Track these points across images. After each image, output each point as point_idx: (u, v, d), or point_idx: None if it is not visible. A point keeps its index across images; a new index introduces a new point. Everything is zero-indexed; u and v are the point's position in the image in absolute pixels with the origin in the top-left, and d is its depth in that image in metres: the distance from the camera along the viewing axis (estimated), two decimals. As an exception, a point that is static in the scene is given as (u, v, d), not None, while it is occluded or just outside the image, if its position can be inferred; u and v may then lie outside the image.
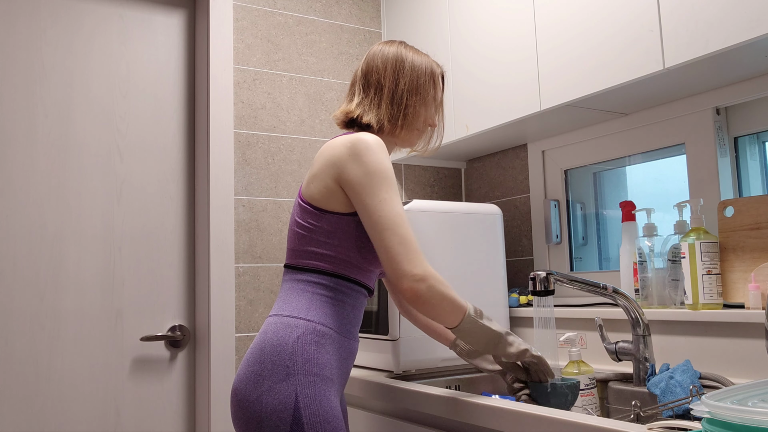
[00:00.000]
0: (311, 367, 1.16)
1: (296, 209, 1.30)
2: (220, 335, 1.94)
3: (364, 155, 1.21)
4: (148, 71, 2.03)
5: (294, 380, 1.14)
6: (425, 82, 1.37)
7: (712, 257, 1.45)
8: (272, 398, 1.13)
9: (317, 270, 1.24)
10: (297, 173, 2.16)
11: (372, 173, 1.20)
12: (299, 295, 1.23)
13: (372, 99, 1.35)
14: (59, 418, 1.80)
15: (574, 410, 1.36)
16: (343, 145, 1.24)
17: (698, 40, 1.31)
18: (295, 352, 1.16)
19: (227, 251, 1.98)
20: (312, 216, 1.24)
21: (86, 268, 1.88)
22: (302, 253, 1.25)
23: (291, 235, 1.29)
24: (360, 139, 1.23)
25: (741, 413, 0.68)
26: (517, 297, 1.95)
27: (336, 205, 1.23)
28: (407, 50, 1.39)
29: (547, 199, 2.05)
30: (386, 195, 1.19)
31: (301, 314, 1.20)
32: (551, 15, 1.67)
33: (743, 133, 1.59)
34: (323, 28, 2.28)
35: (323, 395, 1.16)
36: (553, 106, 1.66)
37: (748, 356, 1.37)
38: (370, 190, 1.19)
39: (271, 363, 1.15)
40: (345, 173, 1.21)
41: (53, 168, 1.87)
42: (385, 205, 1.18)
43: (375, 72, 1.36)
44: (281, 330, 1.19)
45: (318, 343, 1.18)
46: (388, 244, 1.16)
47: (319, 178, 1.25)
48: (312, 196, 1.25)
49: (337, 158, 1.23)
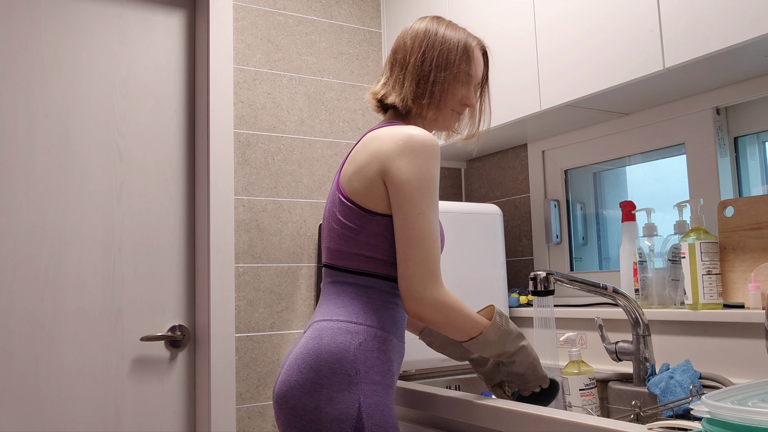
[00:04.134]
0: (374, 375, 1.11)
1: (337, 206, 1.20)
2: (220, 335, 1.94)
3: (416, 156, 1.13)
4: (148, 71, 2.03)
5: (357, 389, 1.08)
6: (457, 56, 1.25)
7: (712, 257, 1.45)
8: (333, 408, 1.07)
9: (368, 273, 1.17)
10: (297, 173, 2.16)
11: (419, 180, 1.12)
12: (353, 299, 1.16)
13: (397, 77, 1.26)
14: (59, 418, 1.80)
15: (574, 410, 1.37)
16: (393, 139, 1.15)
17: (698, 40, 1.31)
18: (357, 360, 1.10)
19: (227, 251, 1.98)
20: (358, 217, 1.16)
21: (86, 268, 1.88)
22: (350, 256, 1.18)
23: (333, 234, 1.21)
24: (414, 137, 1.14)
25: (741, 413, 0.68)
26: (517, 297, 1.95)
27: (384, 207, 1.15)
28: (440, 24, 1.29)
29: (547, 199, 2.05)
30: (426, 207, 1.12)
31: (360, 319, 1.14)
32: (551, 15, 1.67)
33: (743, 133, 1.59)
34: (323, 28, 2.28)
35: (385, 404, 1.11)
36: (553, 106, 1.66)
37: (748, 356, 1.37)
38: (411, 198, 1.11)
39: (331, 371, 1.09)
40: (390, 170, 1.13)
41: (53, 168, 1.87)
42: (422, 219, 1.11)
43: (402, 49, 1.27)
44: (340, 336, 1.11)
45: (380, 350, 1.13)
46: (408, 260, 1.11)
47: (365, 177, 1.16)
48: (358, 195, 1.17)
49: (383, 152, 1.14)
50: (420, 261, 1.10)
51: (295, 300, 2.10)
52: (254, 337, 2.01)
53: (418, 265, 1.10)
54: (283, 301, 2.08)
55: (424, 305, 1.11)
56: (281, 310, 2.07)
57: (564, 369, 1.44)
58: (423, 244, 1.11)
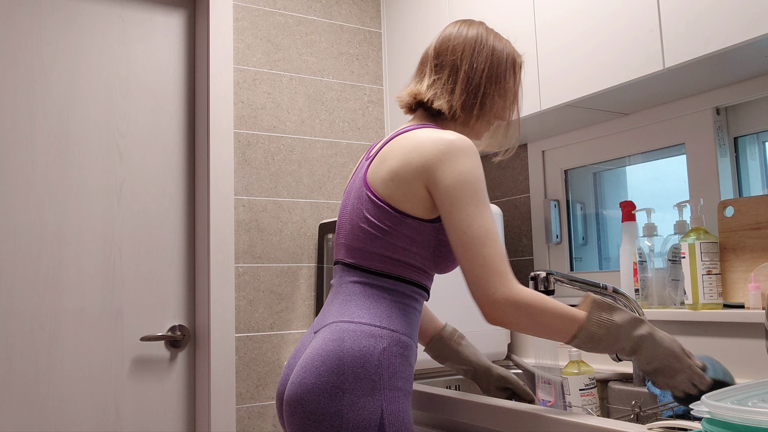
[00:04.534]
0: (396, 381, 1.08)
1: (365, 204, 1.16)
2: (220, 335, 1.94)
3: (459, 161, 1.10)
4: (148, 71, 2.03)
5: (380, 395, 1.05)
6: (505, 69, 1.24)
7: (712, 257, 1.45)
8: (355, 414, 1.04)
9: (392, 276, 1.14)
10: (297, 173, 2.16)
11: (464, 183, 1.09)
12: (376, 301, 1.13)
13: (445, 82, 1.22)
14: (59, 418, 1.80)
15: (575, 410, 1.37)
16: (434, 145, 1.12)
17: (698, 40, 1.31)
18: (381, 365, 1.07)
19: (227, 251, 1.98)
20: (390, 218, 1.13)
21: (86, 268, 1.88)
22: (375, 256, 1.15)
23: (358, 232, 1.16)
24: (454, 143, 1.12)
25: (741, 413, 0.68)
26: (517, 297, 1.95)
27: (420, 211, 1.13)
28: (488, 33, 1.26)
29: (547, 199, 2.05)
30: (475, 208, 1.08)
31: (384, 323, 1.11)
32: (551, 15, 1.67)
33: (743, 133, 1.59)
34: (323, 28, 2.28)
35: (405, 411, 1.09)
36: (553, 106, 1.66)
37: (748, 356, 1.37)
38: (459, 202, 1.08)
39: (354, 375, 1.05)
40: (435, 178, 1.10)
41: (53, 168, 1.87)
42: (473, 221, 1.07)
43: (451, 52, 1.23)
44: (363, 340, 1.08)
45: (402, 355, 1.10)
46: (469, 264, 1.06)
47: (402, 179, 1.12)
48: (392, 196, 1.13)
49: (425, 158, 1.11)
50: (481, 262, 1.05)
51: (295, 300, 2.10)
52: (254, 337, 2.01)
53: (481, 266, 1.05)
54: (283, 301, 2.08)
55: (500, 307, 1.04)
56: (281, 310, 2.07)
57: (564, 369, 1.44)
58: (481, 245, 1.06)
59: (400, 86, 2.29)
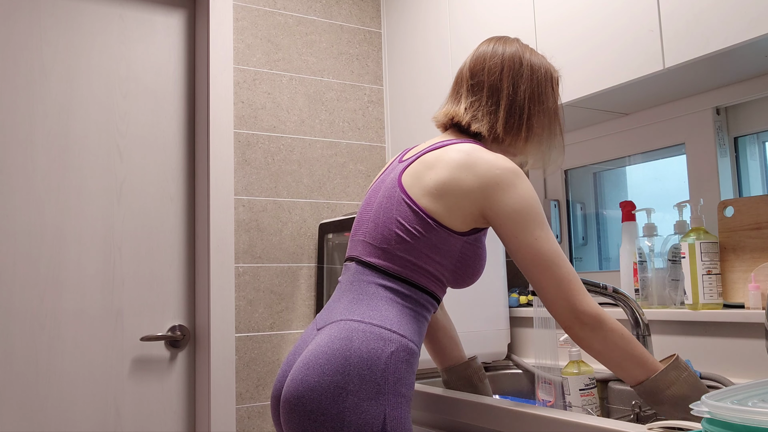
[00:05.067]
0: (400, 387, 1.06)
1: (398, 206, 1.14)
2: (220, 335, 1.94)
3: (518, 186, 1.10)
4: (148, 71, 2.03)
5: (384, 400, 1.03)
6: (545, 87, 1.23)
7: (712, 257, 1.45)
8: (357, 417, 1.01)
9: (410, 282, 1.13)
10: (297, 173, 2.16)
11: (528, 208, 1.09)
12: (389, 304, 1.11)
13: (485, 104, 1.20)
14: (59, 418, 1.80)
15: (574, 410, 1.37)
16: (490, 169, 1.11)
17: (698, 40, 1.31)
18: (387, 369, 1.05)
19: (227, 251, 1.98)
20: (423, 225, 1.12)
21: (86, 268, 1.88)
22: (399, 260, 1.13)
23: (385, 232, 1.14)
24: (510, 169, 1.11)
25: (741, 413, 0.68)
26: (517, 297, 1.95)
27: (458, 224, 1.12)
28: (524, 50, 1.24)
29: (547, 199, 2.05)
30: (542, 232, 1.09)
31: (394, 327, 1.09)
32: (551, 15, 1.67)
33: (743, 133, 1.59)
34: (323, 28, 2.28)
35: (406, 417, 1.07)
36: (553, 106, 1.66)
37: (748, 356, 1.37)
38: (526, 226, 1.09)
39: (359, 377, 1.03)
40: (496, 203, 1.10)
41: (53, 168, 1.87)
42: (543, 243, 1.08)
43: (489, 72, 1.21)
44: (372, 341, 1.06)
45: (408, 361, 1.09)
46: (549, 283, 1.06)
47: (450, 194, 1.11)
48: (433, 208, 1.11)
49: (483, 183, 1.10)
50: (560, 280, 1.06)
51: (295, 300, 2.10)
52: (254, 337, 2.01)
53: (557, 287, 1.06)
54: (283, 301, 2.08)
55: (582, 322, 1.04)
56: (281, 310, 2.07)
57: (564, 369, 1.44)
58: (553, 266, 1.07)
59: (400, 86, 2.29)
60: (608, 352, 1.06)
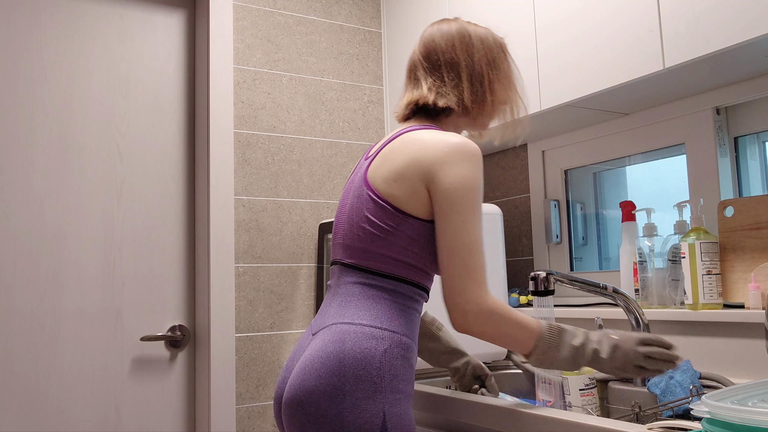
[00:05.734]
0: (397, 383, 1.08)
1: (366, 203, 1.15)
2: (220, 335, 1.94)
3: (462, 164, 1.11)
4: (148, 71, 2.03)
5: (381, 398, 1.05)
6: (498, 53, 1.25)
7: (712, 257, 1.45)
8: (357, 416, 1.03)
9: (393, 276, 1.14)
10: (297, 173, 2.16)
11: (465, 188, 1.10)
12: (376, 302, 1.12)
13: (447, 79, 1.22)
14: (59, 418, 1.80)
15: (575, 410, 1.37)
16: (439, 146, 1.12)
17: (698, 40, 1.31)
18: (382, 367, 1.06)
19: (227, 251, 1.98)
20: (392, 218, 1.13)
21: (86, 268, 1.88)
22: (378, 257, 1.14)
23: (360, 232, 1.15)
24: (460, 146, 1.12)
25: (741, 413, 0.68)
26: (517, 297, 1.95)
27: (421, 211, 1.12)
28: (468, 24, 1.27)
29: (547, 199, 2.05)
30: (471, 216, 1.09)
31: (385, 325, 1.10)
32: (551, 15, 1.67)
33: (743, 133, 1.59)
34: (323, 28, 2.28)
35: (406, 413, 1.08)
36: (553, 106, 1.66)
37: (748, 356, 1.37)
38: (458, 206, 1.09)
39: (355, 378, 1.05)
40: (437, 178, 1.10)
41: (53, 168, 1.87)
42: (466, 227, 1.08)
43: (442, 51, 1.23)
44: (365, 341, 1.08)
45: (403, 357, 1.10)
46: (452, 270, 1.08)
47: (406, 179, 1.12)
48: (395, 196, 1.13)
49: (429, 159, 1.12)
50: (464, 271, 1.07)
51: (295, 300, 2.10)
52: (254, 337, 2.01)
53: (462, 275, 1.07)
54: (283, 301, 2.08)
55: (471, 317, 1.06)
56: (281, 310, 2.07)
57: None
58: (468, 253, 1.08)
59: (400, 86, 2.29)
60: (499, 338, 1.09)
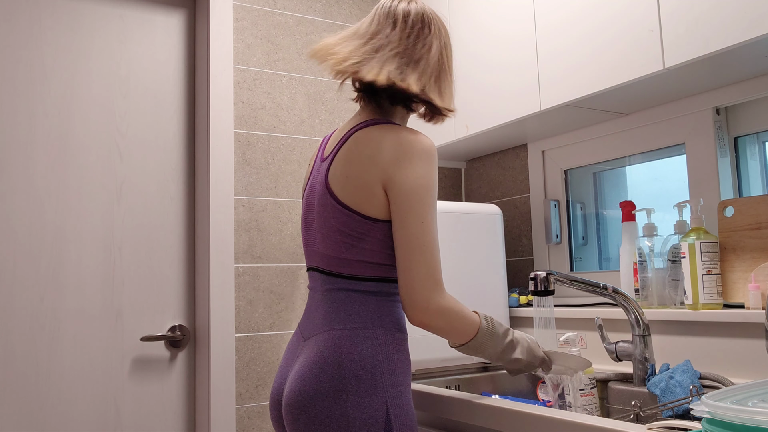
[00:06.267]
0: (397, 376, 1.12)
1: (332, 213, 1.15)
2: (220, 335, 1.94)
3: (418, 163, 1.11)
4: (148, 71, 2.03)
5: (383, 393, 1.09)
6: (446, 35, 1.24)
7: (712, 257, 1.45)
8: (361, 413, 1.07)
9: (374, 279, 1.16)
10: (297, 173, 2.16)
11: (421, 187, 1.10)
12: (364, 305, 1.15)
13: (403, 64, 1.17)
14: (59, 418, 1.80)
15: (574, 410, 1.37)
16: (393, 145, 1.12)
17: (698, 40, 1.31)
18: (381, 364, 1.10)
19: (227, 251, 1.98)
20: (361, 226, 1.13)
21: (86, 268, 1.88)
22: (353, 263, 1.15)
23: (330, 242, 1.16)
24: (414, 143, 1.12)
25: (741, 413, 0.68)
26: (517, 297, 1.95)
27: (384, 213, 1.13)
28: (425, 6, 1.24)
29: (547, 199, 2.05)
30: (428, 215, 1.11)
31: (376, 324, 1.14)
32: (551, 15, 1.67)
33: (743, 133, 1.59)
34: (323, 28, 2.28)
35: (408, 404, 1.13)
36: (553, 106, 1.66)
37: (748, 356, 1.37)
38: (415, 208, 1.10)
39: (356, 378, 1.08)
40: (393, 179, 1.11)
41: (53, 168, 1.87)
42: (423, 227, 1.10)
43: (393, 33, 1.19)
44: (360, 343, 1.11)
45: (399, 351, 1.14)
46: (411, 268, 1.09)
47: (362, 181, 1.12)
48: (359, 204, 1.13)
49: (384, 159, 1.11)
50: (423, 269, 1.09)
51: (294, 300, 2.10)
52: (254, 337, 2.01)
53: (421, 274, 1.09)
54: (282, 301, 2.08)
55: (430, 314, 1.09)
56: (281, 310, 2.07)
57: (564, 369, 1.44)
58: (426, 252, 1.09)
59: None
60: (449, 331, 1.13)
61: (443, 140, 2.06)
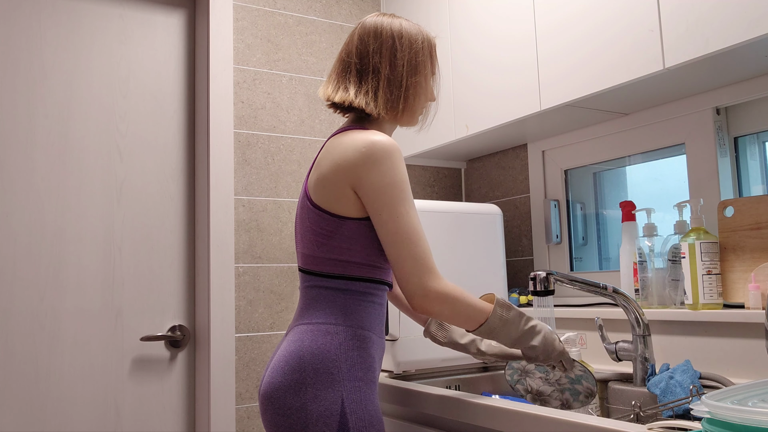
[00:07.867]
0: (356, 372, 1.16)
1: (308, 214, 1.23)
2: (220, 335, 1.94)
3: (382, 164, 1.16)
4: (148, 71, 2.03)
5: (339, 387, 1.14)
6: (424, 57, 1.27)
7: (712, 257, 1.45)
8: (318, 405, 1.12)
9: (343, 276, 1.21)
10: (297, 173, 2.16)
11: (390, 185, 1.15)
12: (331, 301, 1.20)
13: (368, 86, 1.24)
14: (59, 418, 1.80)
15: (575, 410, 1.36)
16: (357, 149, 1.17)
17: (698, 40, 1.31)
18: (339, 359, 1.15)
19: (227, 251, 1.98)
20: (329, 224, 1.19)
21: (86, 268, 1.88)
22: (325, 261, 1.21)
23: (306, 241, 1.24)
24: (377, 144, 1.17)
25: (741, 413, 0.68)
26: (517, 297, 1.95)
27: (353, 211, 1.19)
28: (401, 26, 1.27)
29: (547, 199, 2.05)
30: (403, 209, 1.15)
31: (339, 320, 1.19)
32: (551, 15, 1.67)
33: (743, 133, 1.59)
34: (323, 28, 2.28)
35: (368, 399, 1.17)
36: (553, 106, 1.66)
37: (748, 356, 1.37)
38: (387, 203, 1.15)
39: (314, 371, 1.14)
40: (360, 182, 1.16)
41: (53, 168, 1.87)
42: (402, 220, 1.15)
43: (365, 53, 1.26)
44: (320, 338, 1.17)
45: (360, 347, 1.18)
46: (402, 261, 1.14)
47: (332, 183, 1.19)
48: (324, 201, 1.20)
49: (351, 164, 1.17)
50: (412, 259, 1.14)
51: (294, 300, 2.10)
52: (254, 337, 2.01)
53: (412, 264, 1.13)
54: (282, 301, 2.08)
55: (430, 300, 1.13)
56: (281, 310, 2.07)
57: (564, 369, 1.44)
58: (410, 243, 1.14)
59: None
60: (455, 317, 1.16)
61: (443, 140, 2.06)
